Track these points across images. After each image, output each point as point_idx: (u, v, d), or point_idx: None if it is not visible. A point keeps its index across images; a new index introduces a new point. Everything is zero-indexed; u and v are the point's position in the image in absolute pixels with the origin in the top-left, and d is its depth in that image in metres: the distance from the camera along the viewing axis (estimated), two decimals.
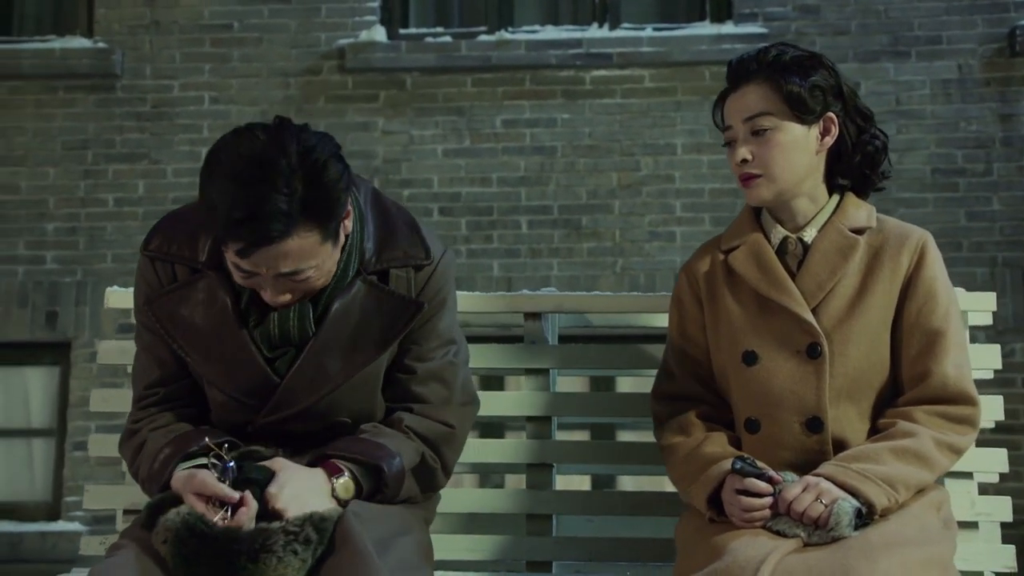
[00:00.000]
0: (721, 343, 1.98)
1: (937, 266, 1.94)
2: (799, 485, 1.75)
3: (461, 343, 1.95)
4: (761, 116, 1.90)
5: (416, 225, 1.87)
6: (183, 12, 5.47)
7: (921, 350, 1.89)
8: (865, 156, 1.96)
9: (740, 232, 2.02)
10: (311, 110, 5.37)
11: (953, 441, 1.85)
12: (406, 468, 1.80)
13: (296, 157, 1.59)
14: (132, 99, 5.45)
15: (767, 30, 5.28)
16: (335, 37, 5.41)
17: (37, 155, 5.43)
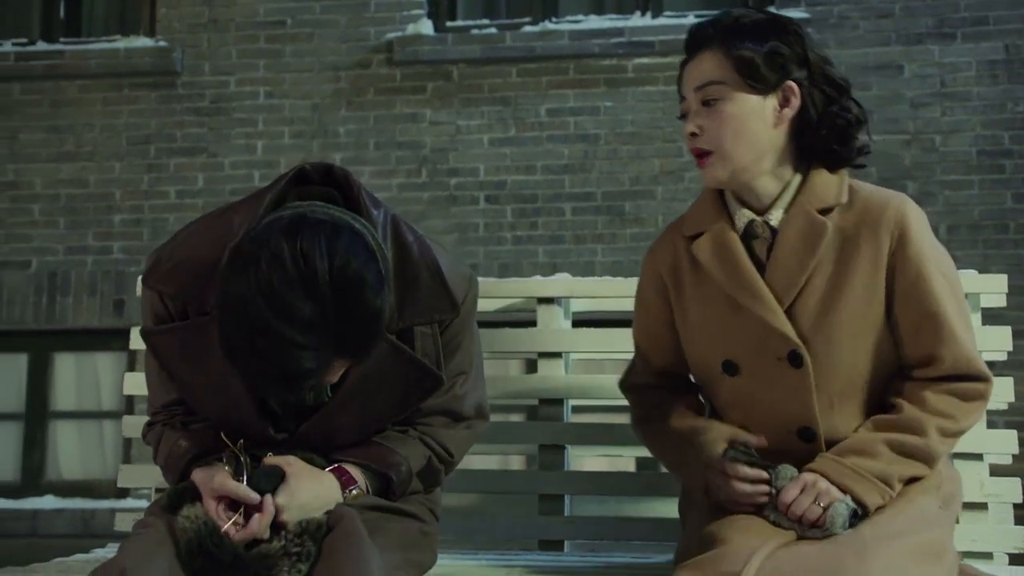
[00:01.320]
0: (696, 346, 1.80)
1: (921, 238, 1.69)
2: (796, 485, 1.62)
3: (475, 365, 1.79)
4: (711, 85, 1.68)
5: (439, 270, 1.65)
6: (239, 10, 5.54)
7: (922, 335, 1.69)
8: (833, 129, 1.70)
9: (703, 216, 1.79)
10: (361, 102, 5.40)
11: (960, 426, 1.70)
12: (413, 472, 1.70)
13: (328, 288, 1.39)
14: (192, 95, 5.53)
15: (810, 15, 5.17)
16: (384, 31, 5.43)
17: (104, 150, 5.54)
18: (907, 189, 5.04)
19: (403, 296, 1.61)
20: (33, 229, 5.52)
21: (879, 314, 1.70)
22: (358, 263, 1.42)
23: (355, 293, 1.42)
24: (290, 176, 1.61)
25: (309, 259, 1.39)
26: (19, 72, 5.59)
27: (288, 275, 1.38)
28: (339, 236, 1.43)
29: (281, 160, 5.40)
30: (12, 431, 5.59)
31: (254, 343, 1.39)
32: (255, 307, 1.38)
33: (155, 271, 1.64)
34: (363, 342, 1.47)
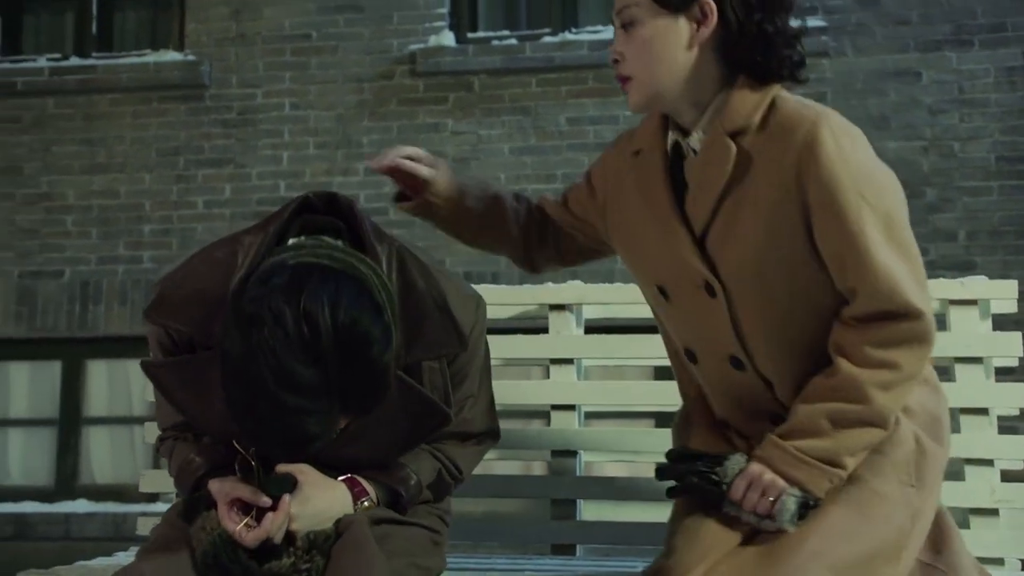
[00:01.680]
0: (635, 269, 1.75)
1: (836, 158, 1.50)
2: (744, 481, 1.56)
3: (483, 385, 1.74)
4: (625, 9, 1.61)
5: (445, 304, 1.59)
6: (266, 24, 5.58)
7: (841, 268, 1.53)
8: (756, 39, 1.57)
9: (646, 132, 1.72)
10: (384, 113, 5.42)
11: (905, 373, 1.53)
12: (423, 486, 1.68)
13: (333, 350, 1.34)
14: (219, 107, 5.56)
15: (827, 23, 5.14)
16: (406, 43, 5.45)
17: (134, 162, 5.59)
18: (926, 196, 5.00)
19: (410, 331, 1.55)
20: (66, 239, 5.57)
21: (793, 245, 1.56)
22: (363, 319, 1.37)
23: (361, 351, 1.37)
24: (294, 206, 1.58)
25: (312, 321, 1.33)
26: (53, 87, 5.65)
27: (291, 340, 1.32)
28: (343, 290, 1.37)
29: (306, 170, 5.43)
30: (47, 436, 5.64)
31: (257, 408, 1.35)
32: (258, 374, 1.33)
33: (159, 305, 1.58)
34: (370, 399, 1.43)
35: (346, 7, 5.52)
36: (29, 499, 5.51)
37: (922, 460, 1.60)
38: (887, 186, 1.56)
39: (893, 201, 1.56)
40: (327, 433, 1.41)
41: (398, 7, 5.49)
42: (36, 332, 5.54)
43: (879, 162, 1.58)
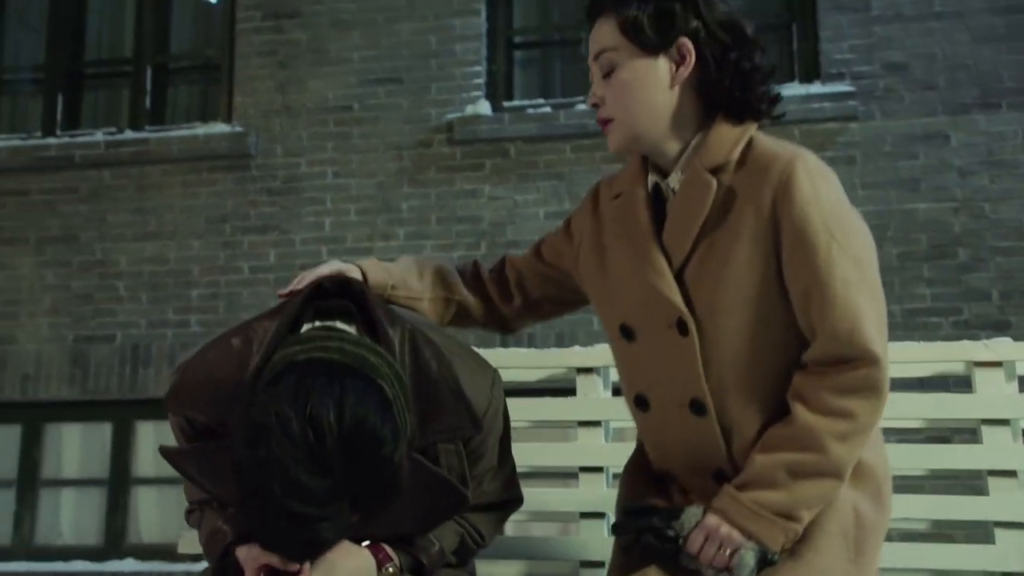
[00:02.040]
0: (602, 307, 1.72)
1: (809, 197, 1.49)
2: (700, 534, 1.53)
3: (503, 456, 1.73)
4: (604, 54, 1.60)
5: (459, 388, 1.56)
6: (310, 96, 5.71)
7: (805, 301, 1.51)
8: (734, 77, 1.56)
9: (627, 176, 1.71)
10: (423, 180, 5.50)
11: (861, 423, 1.50)
12: (445, 553, 1.66)
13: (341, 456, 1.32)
14: (265, 176, 5.67)
15: (855, 88, 5.16)
16: (444, 112, 5.54)
17: (184, 229, 5.70)
18: (958, 256, 4.96)
19: (424, 415, 1.53)
20: (118, 304, 5.68)
21: (766, 284, 1.54)
22: (370, 418, 1.34)
23: (368, 452, 1.35)
24: (308, 291, 1.59)
25: (318, 426, 1.31)
26: (108, 159, 5.79)
27: (298, 450, 1.30)
28: (348, 390, 1.35)
29: (348, 236, 5.51)
30: (96, 496, 5.70)
31: (269, 518, 1.35)
32: (267, 486, 1.32)
33: (177, 394, 1.57)
34: (380, 498, 1.41)
35: (386, 79, 5.64)
36: (79, 558, 5.55)
37: (860, 532, 1.57)
38: (858, 229, 1.55)
39: (863, 245, 1.54)
40: (340, 534, 1.40)
41: (436, 78, 5.59)
42: (88, 394, 5.62)
43: (851, 206, 1.57)
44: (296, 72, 5.73)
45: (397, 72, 5.64)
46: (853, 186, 5.09)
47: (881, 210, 5.06)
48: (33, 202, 5.84)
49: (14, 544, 5.66)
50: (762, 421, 1.58)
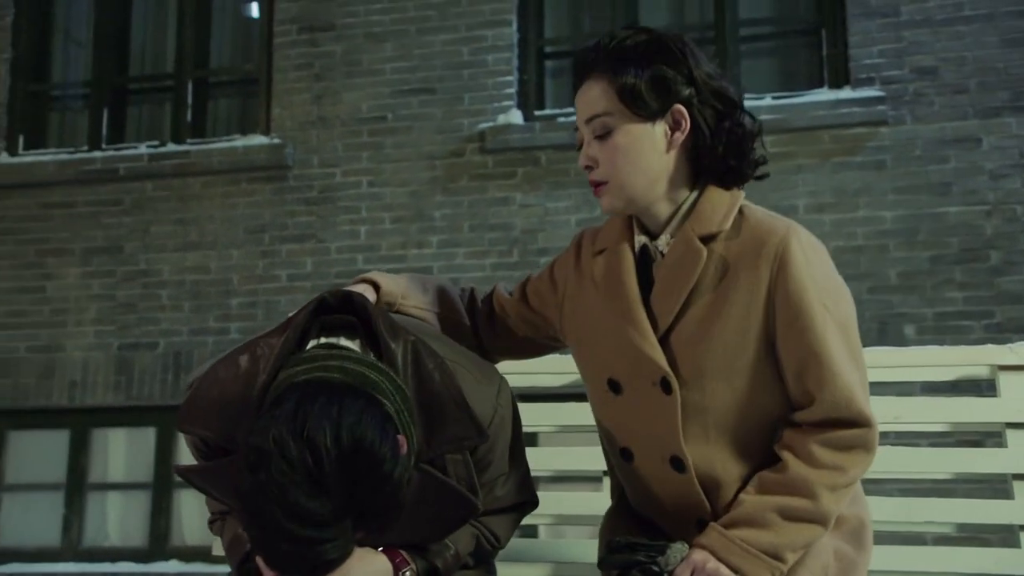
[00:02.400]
0: (585, 361, 1.71)
1: (804, 271, 1.53)
2: (687, 568, 1.53)
3: (515, 460, 1.71)
4: (598, 118, 1.58)
5: (462, 399, 1.55)
6: (344, 108, 5.75)
7: (802, 374, 1.54)
8: (728, 145, 1.58)
9: (611, 233, 1.71)
10: (455, 188, 5.52)
11: (849, 477, 1.54)
12: (460, 556, 1.66)
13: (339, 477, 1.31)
14: (301, 187, 5.72)
15: (885, 93, 5.10)
16: (476, 122, 5.56)
17: (224, 239, 5.76)
18: (991, 259, 4.89)
19: (429, 427, 1.52)
20: (161, 313, 5.75)
21: (757, 350, 1.56)
22: (367, 438, 1.34)
23: (369, 472, 1.34)
24: (312, 307, 1.58)
25: (316, 451, 1.31)
26: (151, 171, 5.87)
27: (296, 474, 1.30)
28: (346, 411, 1.34)
29: (382, 244, 5.53)
30: (142, 500, 5.76)
31: (273, 542, 1.34)
32: (268, 511, 1.31)
33: (188, 413, 1.57)
34: (383, 516, 1.40)
35: (420, 90, 5.66)
36: (125, 559, 5.62)
37: (841, 572, 1.58)
38: (843, 295, 1.59)
39: (848, 309, 1.58)
40: (346, 554, 1.39)
41: (468, 88, 5.61)
42: (133, 400, 5.70)
43: (836, 274, 1.61)
44: (331, 84, 5.77)
45: (430, 83, 5.66)
46: (883, 191, 5.04)
47: (911, 214, 4.99)
48: (79, 214, 5.93)
49: (63, 546, 5.74)
50: (744, 477, 1.60)
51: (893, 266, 4.99)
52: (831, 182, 5.12)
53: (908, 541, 2.28)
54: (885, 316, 4.95)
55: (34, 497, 5.86)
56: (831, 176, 5.12)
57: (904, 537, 2.36)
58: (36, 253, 5.93)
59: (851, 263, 5.00)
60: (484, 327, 1.88)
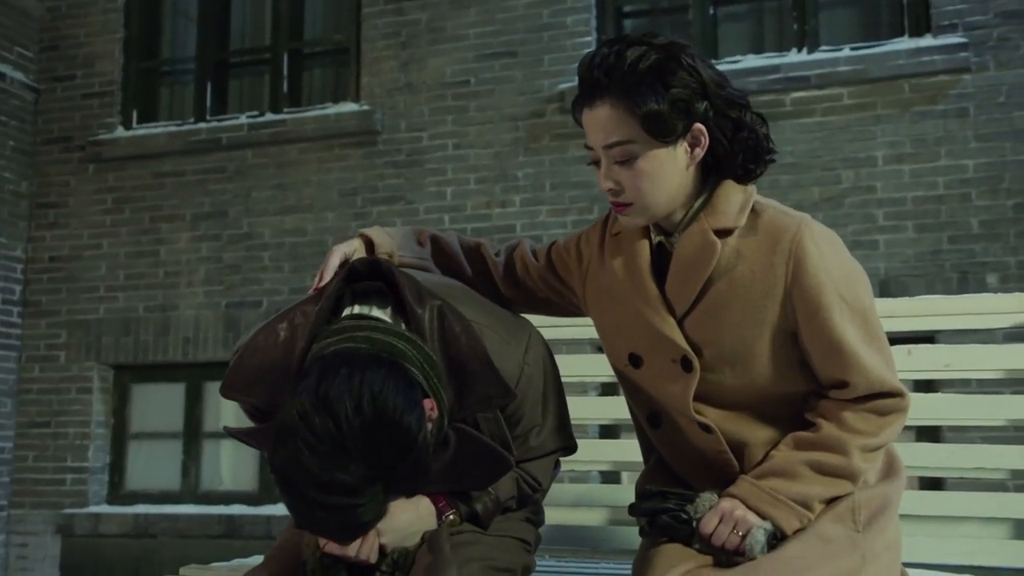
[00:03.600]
0: (608, 337, 1.73)
1: (819, 266, 1.54)
2: (715, 515, 1.54)
3: (549, 410, 1.73)
4: (620, 146, 1.55)
5: (488, 360, 1.55)
6: (430, 74, 5.79)
7: (831, 362, 1.57)
8: (746, 152, 1.60)
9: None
10: (537, 148, 5.52)
11: (880, 440, 1.58)
12: (501, 502, 1.69)
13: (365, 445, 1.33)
14: (390, 151, 5.79)
15: (967, 39, 4.88)
16: (556, 83, 5.53)
17: (319, 203, 5.89)
18: None
19: (459, 388, 1.53)
20: (264, 273, 5.93)
21: (774, 340, 1.58)
22: (389, 405, 1.35)
23: (391, 438, 1.35)
24: (343, 275, 1.60)
25: (338, 421, 1.32)
26: (251, 140, 6.02)
27: (322, 444, 1.32)
28: (367, 380, 1.36)
29: (467, 204, 5.58)
30: (251, 449, 5.97)
31: (310, 512, 1.36)
32: (301, 484, 1.34)
33: (231, 381, 1.60)
34: (412, 479, 1.41)
35: (501, 53, 5.66)
36: (238, 502, 5.87)
37: (865, 508, 1.58)
38: (858, 280, 1.60)
39: (864, 293, 1.60)
40: (379, 515, 1.41)
41: (548, 50, 5.58)
42: None
43: (851, 260, 1.61)
44: (416, 51, 5.82)
45: (511, 46, 5.65)
46: (966, 139, 4.84)
47: (995, 162, 4.79)
48: (187, 182, 6.14)
49: (182, 489, 6.04)
50: (772, 440, 1.62)
51: (975, 215, 4.80)
52: (911, 132, 4.94)
53: (959, 487, 2.24)
54: (966, 265, 4.78)
55: (156, 445, 6.16)
56: (911, 126, 4.94)
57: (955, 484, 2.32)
58: (150, 220, 6.17)
59: (931, 213, 4.83)
60: (504, 281, 1.89)
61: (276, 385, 1.50)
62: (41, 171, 6.39)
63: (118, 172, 6.26)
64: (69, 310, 6.21)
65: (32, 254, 6.33)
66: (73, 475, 6.03)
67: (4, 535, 6.01)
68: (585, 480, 4.66)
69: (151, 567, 5.72)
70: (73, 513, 5.91)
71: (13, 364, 6.19)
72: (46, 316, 6.24)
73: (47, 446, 6.10)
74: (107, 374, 6.19)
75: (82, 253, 6.25)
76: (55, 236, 6.31)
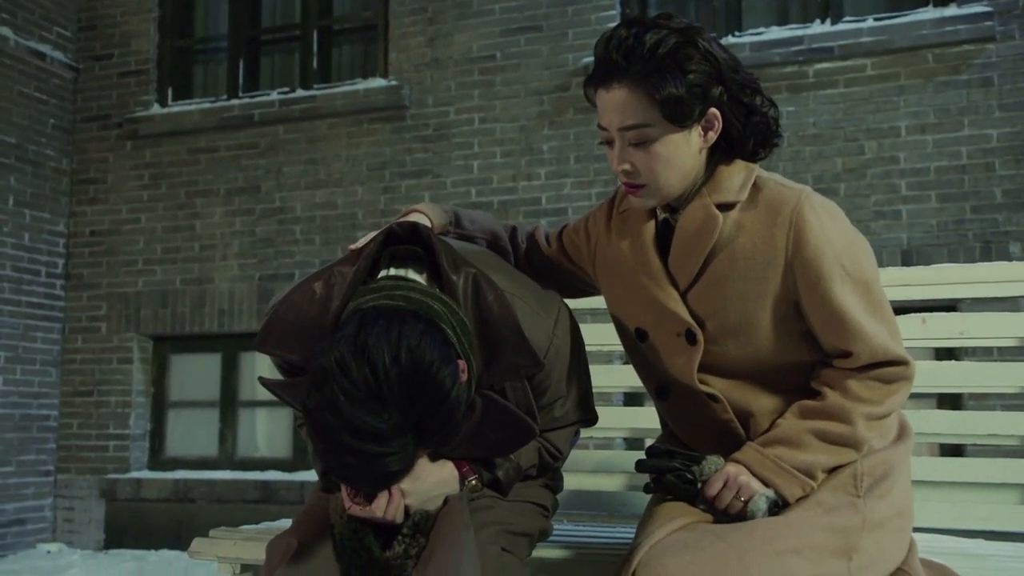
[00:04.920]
0: (616, 311, 1.74)
1: (820, 236, 1.53)
2: (719, 479, 1.55)
3: (573, 383, 1.72)
4: (637, 129, 1.54)
5: (519, 329, 1.55)
6: (456, 49, 5.76)
7: (833, 332, 1.56)
8: (757, 136, 1.61)
9: None
10: (562, 121, 5.49)
11: (885, 409, 1.57)
12: (522, 470, 1.69)
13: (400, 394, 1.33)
14: (418, 125, 5.79)
15: (992, 8, 4.77)
16: (580, 57, 5.49)
17: (349, 177, 5.90)
18: None
19: (488, 356, 1.54)
20: (295, 246, 5.97)
21: (775, 311, 1.58)
22: (426, 358, 1.35)
23: (426, 391, 1.35)
24: (382, 238, 1.60)
25: (375, 369, 1.32)
26: (282, 116, 6.04)
27: (358, 390, 1.32)
28: (405, 333, 1.36)
29: (494, 177, 5.57)
30: (284, 416, 6.06)
31: (338, 455, 1.36)
32: (334, 425, 1.33)
33: (266, 336, 1.60)
34: (443, 434, 1.41)
35: (526, 28, 5.62)
36: (273, 468, 5.96)
37: (868, 474, 1.58)
38: (860, 250, 1.58)
39: (866, 262, 1.58)
40: (408, 466, 1.41)
41: (572, 24, 5.54)
42: None
43: (853, 230, 1.59)
44: (443, 27, 5.79)
45: (536, 20, 5.61)
46: (990, 109, 4.75)
47: (1019, 131, 4.70)
48: (221, 158, 6.17)
49: (220, 456, 6.12)
50: (778, 410, 1.62)
51: (999, 184, 4.73)
52: (934, 101, 4.86)
53: (971, 453, 2.22)
54: (989, 235, 4.70)
55: (194, 413, 6.25)
56: (934, 96, 4.86)
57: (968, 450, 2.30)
58: (186, 195, 6.22)
59: (954, 183, 4.76)
60: (523, 265, 1.90)
61: (310, 341, 1.50)
62: (81, 148, 6.45)
63: (154, 148, 6.30)
64: (109, 283, 6.29)
65: (74, 228, 6.41)
66: (115, 442, 6.14)
67: (52, 499, 6.14)
68: (610, 446, 4.68)
69: (191, 530, 5.82)
70: (116, 478, 6.02)
71: (57, 335, 6.29)
72: (88, 289, 6.33)
73: (90, 414, 6.21)
74: (146, 345, 6.27)
75: (121, 227, 6.32)
76: (95, 211, 6.38)
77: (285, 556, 1.52)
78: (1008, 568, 1.69)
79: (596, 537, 2.01)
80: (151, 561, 5.47)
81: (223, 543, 1.97)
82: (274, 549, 1.55)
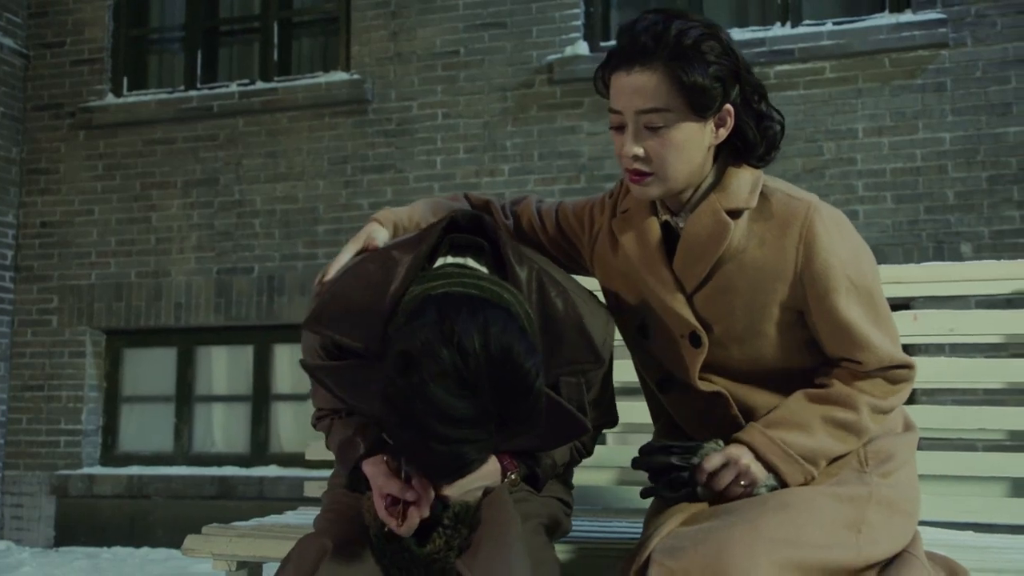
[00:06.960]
0: (617, 309, 1.71)
1: (829, 249, 1.52)
2: (721, 457, 1.52)
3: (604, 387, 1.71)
4: (656, 112, 1.50)
5: (582, 324, 1.53)
6: (419, 44, 5.69)
7: (840, 342, 1.56)
8: (767, 141, 1.59)
9: (633, 199, 1.68)
10: (525, 118, 5.45)
11: (889, 404, 1.58)
12: (557, 466, 1.69)
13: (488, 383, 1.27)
14: (380, 120, 5.70)
15: (946, 15, 4.86)
16: (544, 54, 5.46)
17: (310, 171, 5.79)
18: None
19: (549, 351, 1.50)
20: (255, 240, 5.85)
21: (781, 319, 1.57)
22: (514, 347, 1.29)
23: (514, 379, 1.29)
24: (442, 225, 1.56)
25: (465, 353, 1.26)
26: (242, 108, 5.91)
27: (447, 376, 1.26)
28: (492, 320, 1.29)
29: (457, 173, 5.52)
30: (243, 411, 5.95)
31: (422, 444, 1.30)
32: (418, 411, 1.27)
33: (319, 316, 1.53)
34: (527, 422, 1.34)
35: (490, 24, 5.58)
36: (229, 464, 5.83)
37: (872, 457, 1.58)
38: (865, 260, 1.58)
39: (871, 272, 1.58)
40: (484, 459, 1.37)
41: (536, 22, 5.50)
42: (232, 321, 5.83)
43: (858, 239, 1.58)
44: (406, 21, 5.71)
45: (500, 17, 5.56)
46: (943, 112, 4.84)
47: (971, 135, 4.79)
48: (179, 149, 6.02)
49: (175, 452, 5.97)
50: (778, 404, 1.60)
51: (951, 186, 4.82)
52: (890, 105, 4.93)
53: (960, 448, 2.24)
54: (941, 235, 4.80)
55: (148, 408, 6.08)
56: (891, 99, 4.93)
57: (956, 444, 2.32)
58: (141, 186, 6.05)
59: (909, 184, 4.84)
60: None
61: (363, 322, 1.46)
62: (32, 137, 6.23)
63: (109, 139, 6.12)
64: (61, 275, 6.09)
65: (24, 219, 6.19)
66: (67, 437, 5.95)
67: (0, 496, 5.94)
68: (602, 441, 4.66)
69: (145, 526, 5.67)
70: (67, 475, 5.83)
71: (6, 328, 6.08)
72: (38, 281, 6.12)
73: (40, 409, 6.01)
74: (99, 339, 6.09)
75: (73, 219, 6.12)
76: (46, 202, 6.17)
77: (321, 557, 1.45)
78: (1007, 559, 1.70)
79: (589, 531, 1.98)
80: (104, 558, 5.31)
81: (218, 540, 1.89)
82: (305, 550, 1.48)
